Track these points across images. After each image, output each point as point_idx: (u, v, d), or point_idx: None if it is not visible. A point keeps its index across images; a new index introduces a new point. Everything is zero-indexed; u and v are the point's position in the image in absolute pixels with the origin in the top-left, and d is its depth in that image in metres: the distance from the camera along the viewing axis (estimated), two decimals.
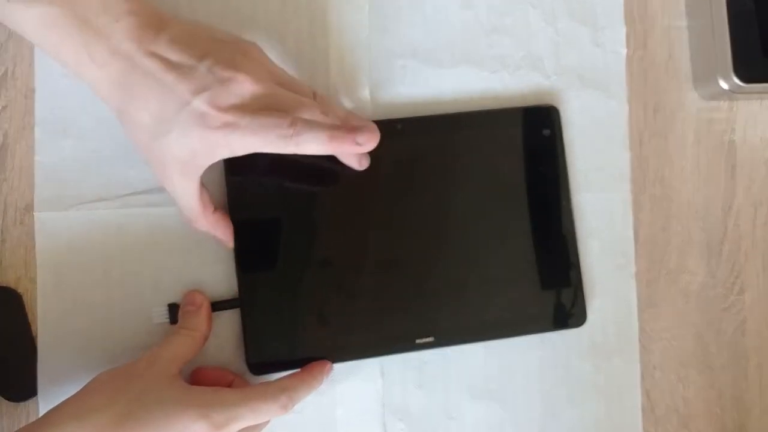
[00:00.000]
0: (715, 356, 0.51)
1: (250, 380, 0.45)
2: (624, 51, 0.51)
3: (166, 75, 0.37)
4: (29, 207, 0.44)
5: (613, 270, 0.50)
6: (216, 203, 0.43)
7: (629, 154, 0.51)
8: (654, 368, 0.50)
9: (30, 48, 0.45)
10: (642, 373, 0.50)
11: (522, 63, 0.50)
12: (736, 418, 0.51)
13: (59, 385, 0.43)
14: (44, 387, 0.43)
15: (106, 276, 0.44)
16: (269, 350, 0.45)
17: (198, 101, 0.37)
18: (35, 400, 0.43)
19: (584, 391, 0.49)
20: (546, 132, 0.49)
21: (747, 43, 0.49)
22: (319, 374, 0.43)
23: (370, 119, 0.47)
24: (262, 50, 0.41)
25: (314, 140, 0.39)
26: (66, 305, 0.44)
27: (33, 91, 0.45)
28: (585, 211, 0.50)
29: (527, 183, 0.48)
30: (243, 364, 0.44)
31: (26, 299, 0.44)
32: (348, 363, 0.46)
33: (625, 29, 0.51)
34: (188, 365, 0.42)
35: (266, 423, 0.43)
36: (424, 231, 0.47)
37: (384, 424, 0.47)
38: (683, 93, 0.52)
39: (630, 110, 0.51)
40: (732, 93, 0.49)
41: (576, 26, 0.51)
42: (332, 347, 0.45)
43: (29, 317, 0.44)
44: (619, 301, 0.50)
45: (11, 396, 0.43)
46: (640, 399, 0.50)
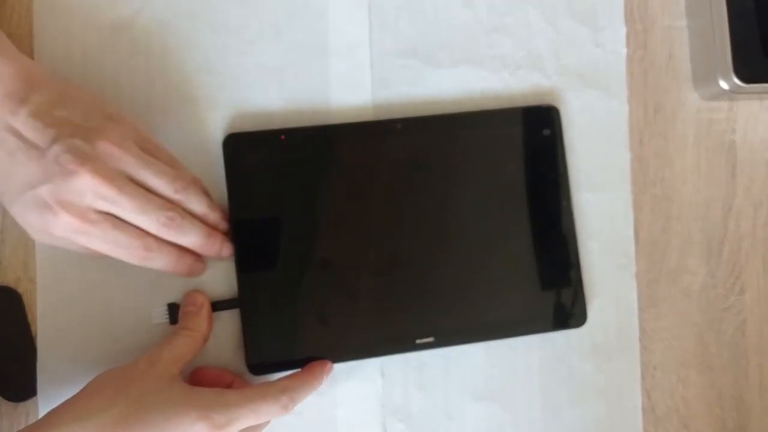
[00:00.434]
0: (716, 356, 0.51)
1: (250, 380, 0.45)
2: (624, 51, 0.51)
3: (19, 154, 0.37)
4: None
5: (614, 270, 0.50)
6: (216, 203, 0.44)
7: (629, 154, 0.51)
8: (654, 368, 0.50)
9: (30, 48, 0.45)
10: (642, 373, 0.50)
11: (522, 63, 0.50)
12: (736, 418, 0.51)
13: (59, 385, 0.43)
14: (44, 387, 0.43)
15: (106, 276, 0.44)
16: (269, 350, 0.44)
17: (43, 189, 0.36)
18: (35, 400, 0.43)
19: (585, 392, 0.49)
20: (546, 132, 0.49)
21: (747, 43, 0.49)
22: (320, 374, 0.43)
23: (370, 119, 0.47)
24: (124, 114, 0.41)
25: (162, 265, 0.41)
26: (66, 305, 0.44)
27: None
28: (585, 211, 0.50)
29: (527, 183, 0.48)
30: (243, 365, 0.44)
31: (26, 299, 0.44)
32: (348, 363, 0.46)
33: (626, 29, 0.51)
34: (188, 365, 0.42)
35: (267, 423, 0.43)
36: (424, 231, 0.47)
37: (384, 425, 0.47)
38: (683, 93, 0.52)
39: (630, 110, 0.51)
40: (732, 93, 0.49)
41: (576, 26, 0.51)
42: (332, 347, 0.45)
43: (29, 317, 0.44)
44: (620, 302, 0.50)
45: (11, 396, 0.43)
46: (641, 399, 0.50)
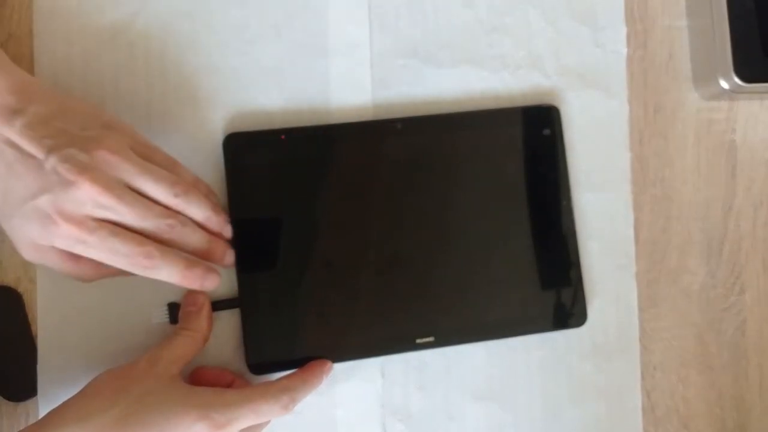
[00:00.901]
0: (716, 356, 0.51)
1: (250, 380, 0.45)
2: (624, 51, 0.51)
3: (17, 165, 0.36)
4: None
5: (614, 270, 0.50)
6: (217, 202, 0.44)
7: (629, 154, 0.51)
8: (654, 368, 0.50)
9: (30, 48, 0.45)
10: (642, 374, 0.50)
11: (522, 63, 0.50)
12: (736, 418, 0.51)
13: (59, 385, 0.43)
14: (44, 387, 0.43)
15: None
16: (269, 350, 0.44)
17: (43, 200, 0.36)
18: (35, 400, 0.43)
19: (585, 392, 0.49)
20: (546, 132, 0.49)
21: (747, 43, 0.49)
22: (320, 373, 0.43)
23: (371, 119, 0.47)
24: (121, 120, 0.40)
25: (168, 275, 0.39)
26: (66, 305, 0.44)
27: None
28: (585, 211, 0.50)
29: (527, 183, 0.48)
30: (243, 365, 0.44)
31: (26, 299, 0.44)
32: (348, 363, 0.46)
33: (626, 29, 0.51)
34: (188, 365, 0.42)
35: (267, 423, 0.43)
36: (424, 231, 0.47)
37: (384, 425, 0.47)
38: (683, 93, 0.52)
39: (630, 110, 0.51)
40: (732, 93, 0.49)
41: (576, 26, 0.51)
42: (332, 347, 0.45)
43: (29, 317, 0.44)
44: (620, 301, 0.50)
45: (11, 396, 0.43)
46: (641, 399, 0.50)
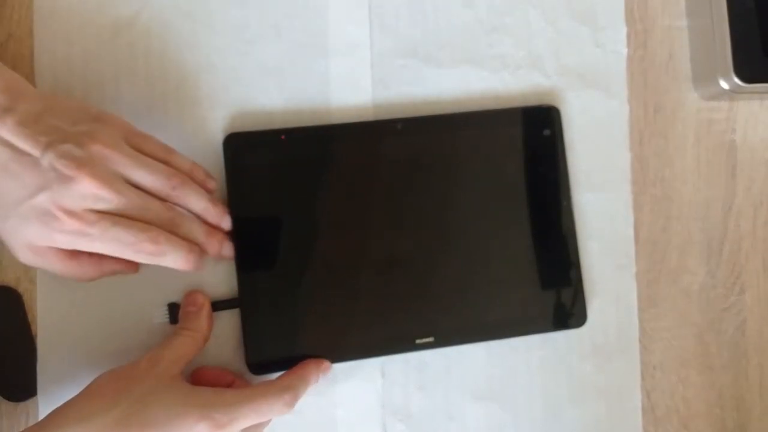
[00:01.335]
0: (716, 356, 0.51)
1: (250, 380, 0.45)
2: (624, 51, 0.51)
3: (12, 164, 0.36)
4: None
5: (614, 270, 0.50)
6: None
7: (629, 154, 0.51)
8: (654, 368, 0.50)
9: (30, 48, 0.45)
10: (642, 374, 0.50)
11: (522, 63, 0.50)
12: (736, 418, 0.51)
13: (59, 385, 0.43)
14: (44, 387, 0.43)
15: (107, 276, 0.44)
16: (269, 350, 0.44)
17: (42, 197, 0.36)
18: (35, 400, 0.43)
19: (585, 392, 0.49)
20: (546, 132, 0.49)
21: (747, 43, 0.49)
22: (316, 369, 0.43)
23: (371, 119, 0.47)
24: (111, 113, 0.40)
25: (173, 260, 0.40)
26: (66, 305, 0.44)
27: None
28: (585, 211, 0.50)
29: (528, 183, 0.48)
30: (243, 364, 0.44)
31: (26, 299, 0.44)
32: (348, 363, 0.46)
33: (626, 29, 0.51)
34: (189, 365, 0.42)
35: (268, 422, 0.43)
36: (424, 231, 0.47)
37: (384, 425, 0.47)
38: (683, 93, 0.52)
39: (630, 110, 0.51)
40: (732, 93, 0.49)
41: (576, 26, 0.51)
42: (332, 347, 0.45)
43: (29, 317, 0.44)
44: (620, 302, 0.50)
45: (11, 396, 0.43)
46: (641, 399, 0.50)
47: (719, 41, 0.49)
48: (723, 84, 0.49)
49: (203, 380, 0.43)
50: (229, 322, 0.45)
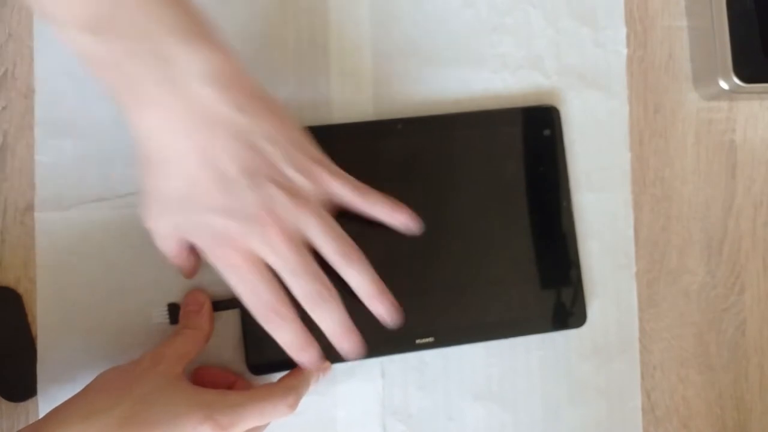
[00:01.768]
0: (716, 356, 0.51)
1: (251, 380, 0.45)
2: (624, 51, 0.51)
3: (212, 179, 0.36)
4: (29, 207, 0.44)
5: (614, 270, 0.50)
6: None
7: (629, 154, 0.51)
8: (654, 368, 0.50)
9: (30, 48, 0.45)
10: (642, 373, 0.50)
11: (523, 63, 0.50)
12: (736, 418, 0.51)
13: (59, 385, 0.43)
14: (44, 387, 0.43)
15: (106, 276, 0.44)
16: (269, 350, 0.44)
17: (225, 222, 0.36)
18: (35, 400, 0.43)
19: (585, 392, 0.49)
20: (546, 132, 0.49)
21: (747, 43, 0.49)
22: (317, 370, 0.44)
23: (371, 119, 0.47)
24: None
25: (283, 340, 0.39)
26: (66, 305, 0.44)
27: (33, 92, 0.44)
28: (585, 211, 0.50)
29: (527, 183, 0.48)
30: (243, 365, 0.44)
31: (26, 299, 0.44)
32: (348, 363, 0.46)
33: (626, 29, 0.51)
34: (190, 365, 0.42)
35: (268, 424, 0.43)
36: (424, 231, 0.47)
37: (384, 425, 0.47)
38: (683, 93, 0.52)
39: (630, 110, 0.51)
40: (732, 93, 0.49)
41: (577, 26, 0.51)
42: (332, 347, 0.45)
43: (29, 317, 0.44)
44: (620, 301, 0.50)
45: (11, 396, 0.43)
46: (641, 399, 0.50)
47: (719, 41, 0.49)
48: (723, 84, 0.49)
49: (205, 380, 0.43)
50: (229, 323, 0.45)
